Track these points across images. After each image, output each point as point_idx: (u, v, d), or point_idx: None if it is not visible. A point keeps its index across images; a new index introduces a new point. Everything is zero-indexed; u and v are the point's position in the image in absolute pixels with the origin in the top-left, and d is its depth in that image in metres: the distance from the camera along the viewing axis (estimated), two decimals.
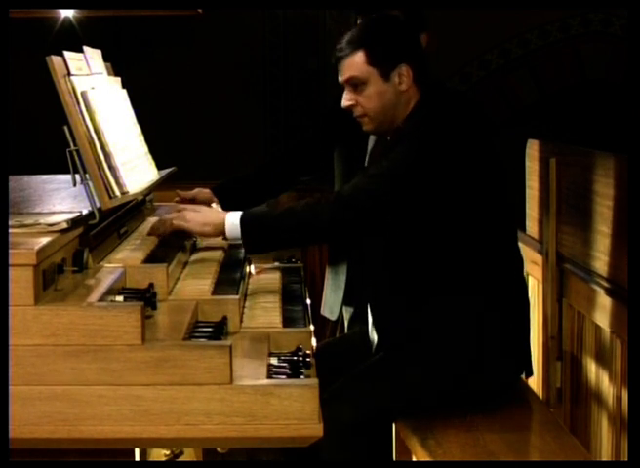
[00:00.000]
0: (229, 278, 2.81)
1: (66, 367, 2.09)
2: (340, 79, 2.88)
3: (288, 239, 2.81)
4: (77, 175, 2.51)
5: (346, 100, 2.88)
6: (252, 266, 3.19)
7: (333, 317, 3.73)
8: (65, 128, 2.50)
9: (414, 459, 2.79)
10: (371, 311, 2.96)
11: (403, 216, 2.76)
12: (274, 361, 2.31)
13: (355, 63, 2.82)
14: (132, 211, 3.07)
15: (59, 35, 5.35)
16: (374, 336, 2.96)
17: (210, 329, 2.36)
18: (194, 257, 3.01)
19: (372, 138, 3.41)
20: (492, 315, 2.80)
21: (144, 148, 3.24)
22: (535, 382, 3.82)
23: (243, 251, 3.08)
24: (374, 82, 2.82)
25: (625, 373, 3.04)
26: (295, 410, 2.10)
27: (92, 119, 2.62)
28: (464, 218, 2.79)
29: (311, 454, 2.78)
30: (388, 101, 2.83)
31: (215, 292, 2.63)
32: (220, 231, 2.78)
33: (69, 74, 2.61)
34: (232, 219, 2.77)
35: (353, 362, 2.94)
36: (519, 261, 2.97)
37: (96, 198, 2.51)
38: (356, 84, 2.84)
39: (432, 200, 2.74)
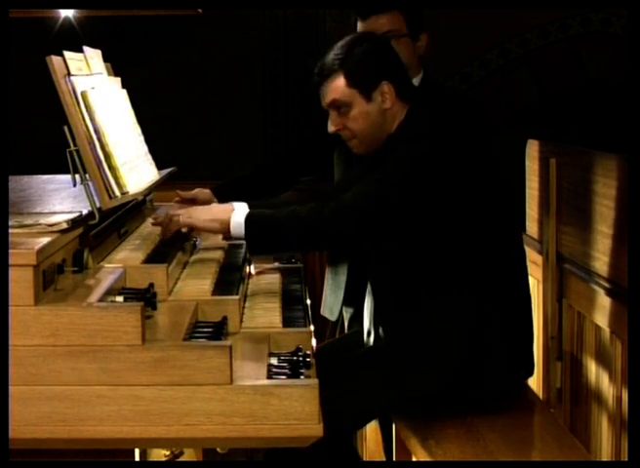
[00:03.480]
0: (229, 278, 2.81)
1: (66, 367, 2.09)
2: (322, 104, 2.87)
3: (290, 244, 2.80)
4: (77, 176, 2.51)
5: (333, 125, 2.87)
6: (252, 266, 3.19)
7: (333, 317, 3.73)
8: (65, 128, 2.50)
9: (414, 459, 2.79)
10: (370, 311, 2.96)
11: (404, 221, 2.76)
12: (274, 361, 2.31)
13: (336, 87, 2.82)
14: (132, 211, 3.07)
15: (59, 35, 5.36)
16: (369, 340, 2.96)
17: (210, 329, 2.36)
18: (194, 258, 3.01)
19: None
20: (491, 318, 2.79)
21: (144, 148, 3.24)
22: (535, 382, 3.82)
23: (243, 251, 3.08)
24: (357, 103, 2.82)
25: (625, 373, 3.04)
26: (295, 411, 2.10)
27: (92, 119, 2.62)
28: (464, 220, 2.78)
29: (311, 454, 2.78)
30: (374, 121, 2.83)
31: (215, 293, 2.63)
32: (226, 228, 2.77)
33: (69, 74, 2.61)
34: (238, 219, 2.75)
35: (353, 362, 2.94)
36: (521, 263, 2.95)
37: (96, 198, 2.51)
38: (340, 107, 2.83)
39: (432, 203, 2.74)
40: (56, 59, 2.56)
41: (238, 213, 2.76)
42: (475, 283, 2.79)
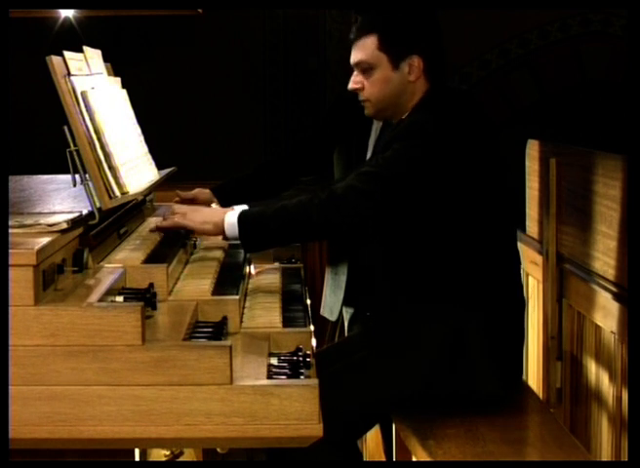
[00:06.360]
0: (229, 278, 2.81)
1: (66, 367, 2.09)
2: (351, 60, 2.86)
3: (282, 237, 2.79)
4: (77, 176, 2.51)
5: (353, 83, 2.86)
6: (252, 266, 3.19)
7: (332, 317, 3.72)
8: (65, 128, 2.50)
9: (414, 459, 2.79)
10: (362, 312, 2.96)
11: (395, 217, 2.75)
12: (274, 361, 2.31)
13: (366, 47, 2.81)
14: (132, 211, 3.07)
15: (59, 35, 5.36)
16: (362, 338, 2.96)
17: (210, 329, 2.36)
18: (194, 257, 3.01)
19: (372, 139, 3.41)
20: (478, 323, 2.78)
21: (144, 148, 3.24)
22: (535, 382, 3.82)
23: (243, 251, 3.08)
24: (382, 68, 2.80)
25: (625, 373, 3.04)
26: (295, 411, 2.10)
27: (92, 119, 2.62)
28: (457, 221, 2.77)
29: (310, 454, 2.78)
30: (393, 90, 2.82)
31: (215, 293, 2.62)
32: (221, 230, 2.78)
33: (69, 74, 2.61)
34: (231, 219, 2.76)
35: (349, 366, 2.93)
36: (516, 266, 2.94)
37: (96, 198, 2.51)
38: (365, 68, 2.82)
39: (425, 202, 2.73)
40: (56, 59, 2.56)
41: (231, 213, 2.77)
42: (464, 289, 2.79)
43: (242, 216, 2.75)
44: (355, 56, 2.84)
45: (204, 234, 2.90)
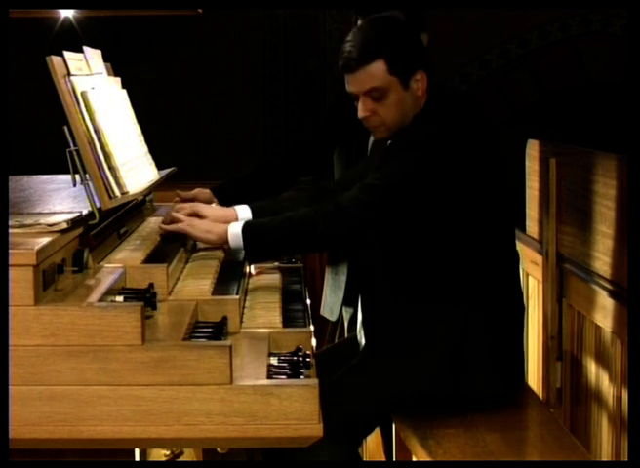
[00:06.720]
0: (229, 278, 2.81)
1: (66, 367, 2.09)
2: (354, 89, 2.79)
3: (287, 249, 2.87)
4: (77, 176, 2.52)
5: (364, 111, 2.79)
6: (252, 266, 3.19)
7: (332, 317, 3.73)
8: (65, 128, 2.50)
9: (414, 459, 2.79)
10: (362, 313, 2.97)
11: (400, 227, 2.76)
12: (274, 361, 2.31)
13: (376, 74, 2.75)
14: (132, 211, 3.07)
15: (59, 35, 5.36)
16: (362, 339, 2.96)
17: (210, 329, 2.36)
18: (194, 257, 3.01)
19: (372, 139, 3.41)
20: (478, 326, 2.79)
21: (144, 148, 3.24)
22: (535, 382, 3.83)
23: (243, 251, 3.08)
24: (395, 91, 2.76)
25: (625, 373, 3.04)
26: (295, 411, 2.10)
27: (92, 119, 2.62)
28: (458, 229, 2.78)
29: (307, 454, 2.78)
30: (406, 109, 2.79)
31: (215, 293, 2.63)
32: (224, 240, 2.81)
33: (69, 74, 2.61)
34: (235, 229, 2.78)
35: (348, 369, 2.93)
36: (516, 266, 2.95)
37: (96, 198, 2.51)
38: (377, 95, 2.77)
39: (429, 211, 2.74)
40: (56, 59, 2.56)
41: (235, 224, 2.80)
42: (465, 290, 2.79)
43: (246, 228, 2.78)
44: (363, 84, 2.77)
45: (207, 243, 2.92)
